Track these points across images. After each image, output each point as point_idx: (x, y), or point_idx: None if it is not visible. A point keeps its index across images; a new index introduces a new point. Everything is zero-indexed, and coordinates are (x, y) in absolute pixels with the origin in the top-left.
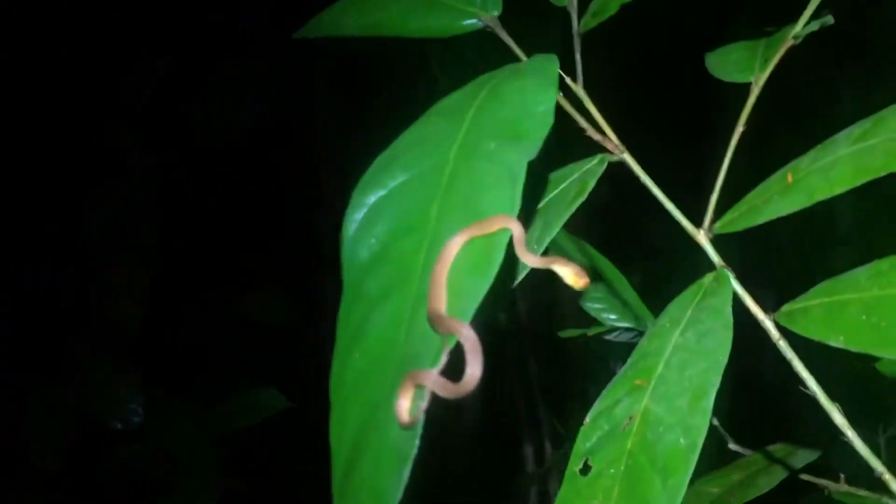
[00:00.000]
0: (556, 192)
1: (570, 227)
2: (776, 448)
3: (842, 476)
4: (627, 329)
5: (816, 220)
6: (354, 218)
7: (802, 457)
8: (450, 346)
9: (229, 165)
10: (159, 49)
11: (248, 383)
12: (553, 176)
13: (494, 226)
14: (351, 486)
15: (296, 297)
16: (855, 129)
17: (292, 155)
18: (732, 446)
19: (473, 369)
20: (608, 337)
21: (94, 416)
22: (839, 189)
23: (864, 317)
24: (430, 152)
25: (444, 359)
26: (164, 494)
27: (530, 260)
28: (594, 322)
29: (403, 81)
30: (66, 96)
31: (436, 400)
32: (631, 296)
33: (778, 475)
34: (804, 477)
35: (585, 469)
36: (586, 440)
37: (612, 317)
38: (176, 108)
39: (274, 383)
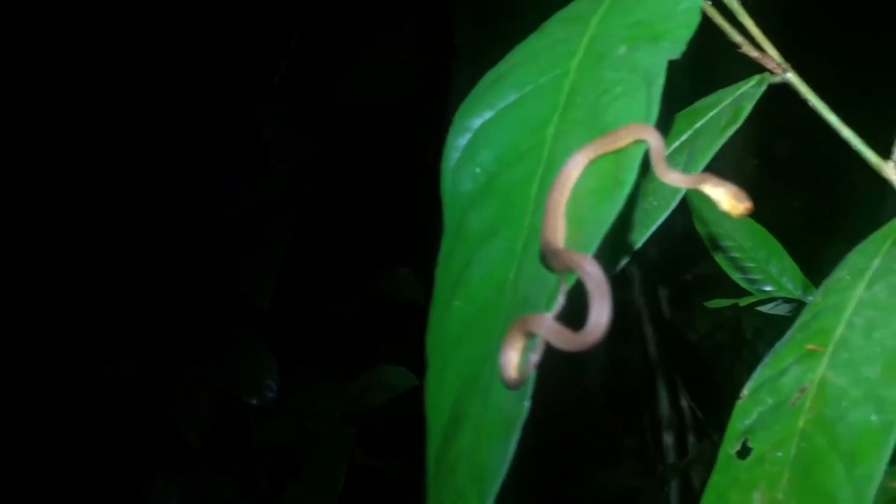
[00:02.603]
0: (705, 119)
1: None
2: None
3: None
4: (787, 300)
5: None
6: (456, 145)
7: None
8: (568, 285)
9: (368, 141)
10: (291, 24)
11: (384, 362)
12: (701, 102)
13: (625, 138)
14: (448, 461)
15: None
16: None
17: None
18: None
19: (599, 313)
20: (764, 308)
21: (232, 392)
22: None
23: None
24: (546, 66)
25: (560, 301)
26: (298, 469)
27: (674, 178)
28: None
29: None
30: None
31: (551, 353)
32: (787, 263)
33: None
34: None
35: (744, 451)
36: (744, 417)
37: (768, 287)
38: (311, 85)
39: (411, 362)
